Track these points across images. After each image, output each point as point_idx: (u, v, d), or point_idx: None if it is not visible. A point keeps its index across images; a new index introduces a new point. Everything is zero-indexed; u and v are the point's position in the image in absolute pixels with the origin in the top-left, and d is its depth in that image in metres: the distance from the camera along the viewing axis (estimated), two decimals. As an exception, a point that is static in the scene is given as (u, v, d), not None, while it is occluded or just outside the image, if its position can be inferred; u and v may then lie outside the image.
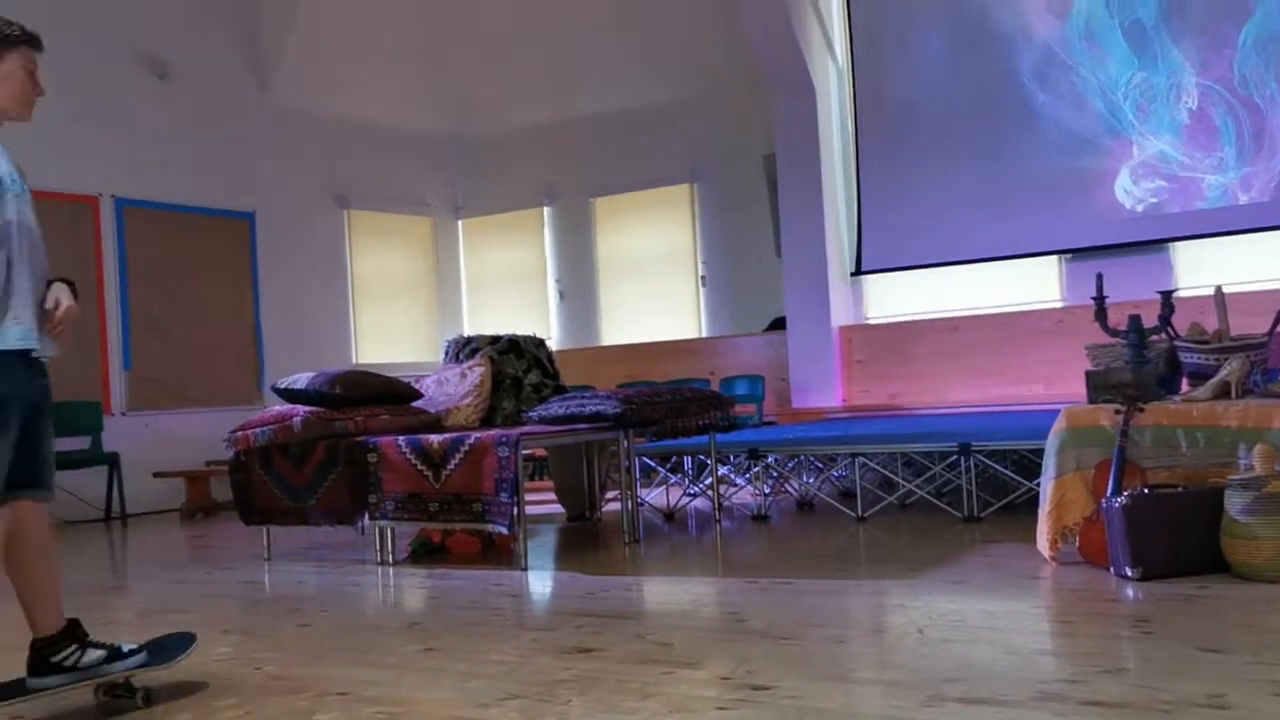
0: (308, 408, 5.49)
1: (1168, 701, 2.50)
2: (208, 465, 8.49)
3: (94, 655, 2.95)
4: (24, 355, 2.83)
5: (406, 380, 6.10)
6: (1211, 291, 4.75)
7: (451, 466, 4.99)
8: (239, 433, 5.59)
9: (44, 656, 2.91)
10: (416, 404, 5.89)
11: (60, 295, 2.87)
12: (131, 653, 3.00)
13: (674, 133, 10.45)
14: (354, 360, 10.36)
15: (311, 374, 5.67)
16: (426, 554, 5.53)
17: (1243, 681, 2.62)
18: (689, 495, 6.97)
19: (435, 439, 5.09)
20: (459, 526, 5.28)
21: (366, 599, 4.54)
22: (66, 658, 2.92)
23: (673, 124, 10.44)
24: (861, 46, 9.34)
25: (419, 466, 5.08)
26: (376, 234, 10.88)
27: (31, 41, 2.91)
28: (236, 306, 9.42)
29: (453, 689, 3.00)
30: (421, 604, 4.33)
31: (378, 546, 5.39)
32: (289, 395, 5.68)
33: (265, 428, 5.48)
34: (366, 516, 5.27)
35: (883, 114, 9.19)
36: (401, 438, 5.21)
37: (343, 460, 5.30)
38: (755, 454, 6.29)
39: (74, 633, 2.95)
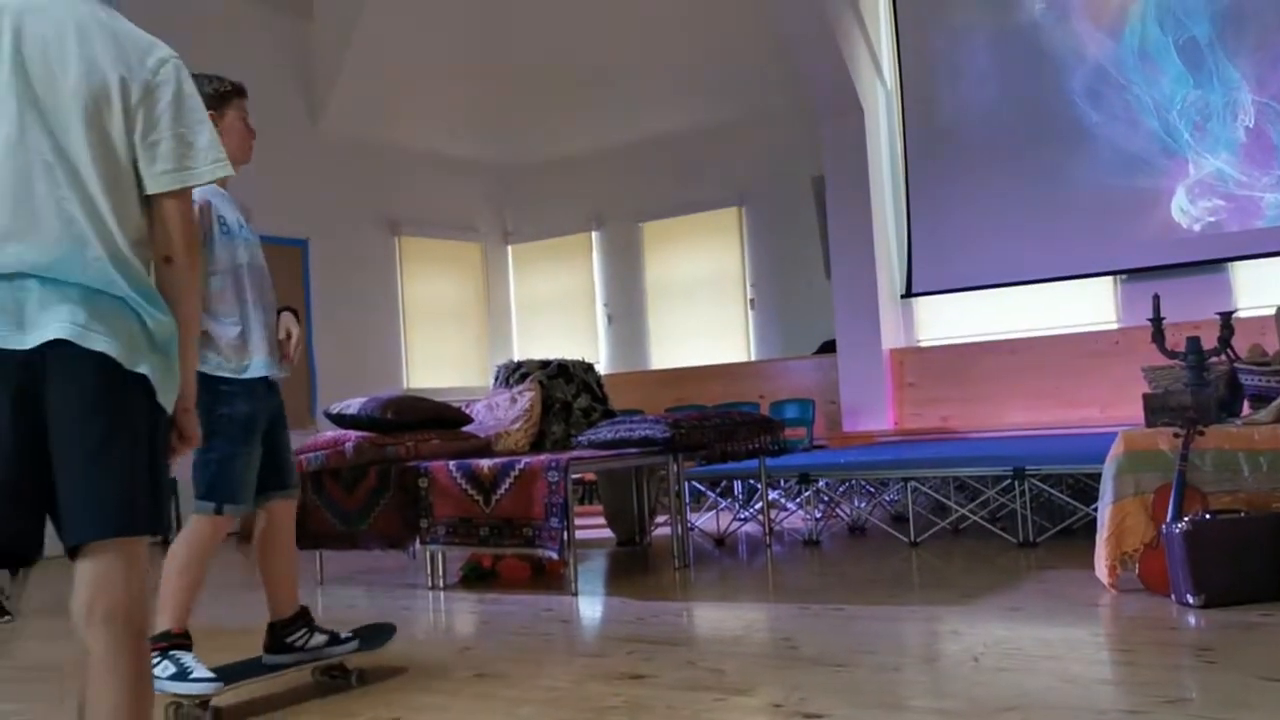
0: (360, 433, 5.53)
1: (1232, 733, 2.44)
2: (262, 489, 8.57)
3: (319, 639, 3.35)
4: (264, 379, 3.23)
5: (457, 405, 6.14)
6: (1272, 312, 4.66)
7: (502, 491, 5.01)
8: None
9: (280, 637, 3.33)
10: (467, 429, 5.92)
11: (290, 325, 3.32)
12: (348, 639, 3.41)
13: (722, 156, 10.47)
14: (405, 385, 10.44)
15: (363, 399, 5.72)
16: (477, 579, 5.54)
17: (1311, 713, 2.55)
18: (739, 520, 6.93)
19: (485, 463, 5.11)
20: (509, 551, 5.29)
21: (417, 623, 4.56)
22: (298, 639, 3.33)
23: (721, 147, 10.46)
24: (910, 68, 9.30)
25: (469, 491, 5.10)
26: (427, 260, 10.98)
27: (241, 93, 3.36)
28: (290, 332, 9.54)
29: (503, 714, 3.00)
30: (472, 629, 4.34)
31: (429, 571, 5.42)
32: (341, 420, 5.74)
33: (318, 452, 5.53)
34: (418, 541, 5.29)
35: (932, 135, 9.14)
36: (452, 462, 5.23)
37: (394, 485, 5.33)
38: (806, 478, 6.25)
39: (305, 618, 3.36)
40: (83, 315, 1.64)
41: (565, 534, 4.83)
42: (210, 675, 3.02)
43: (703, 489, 7.14)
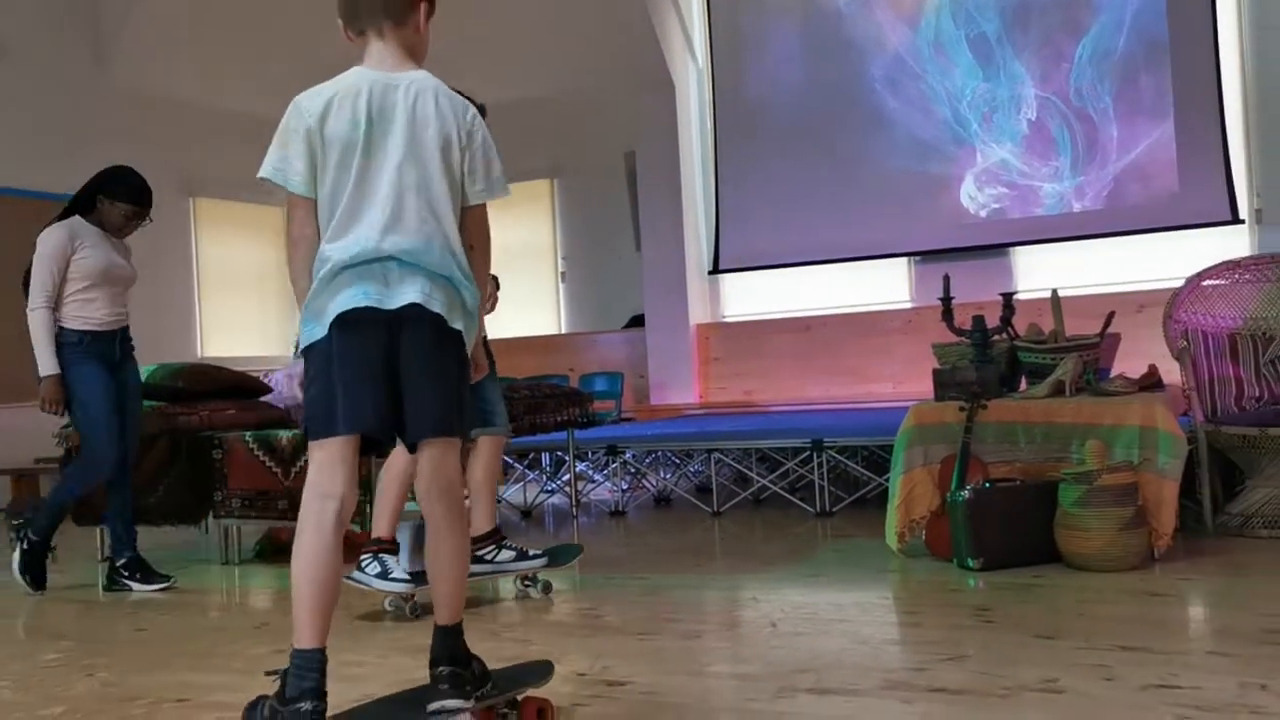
0: (147, 401, 5.25)
1: (1005, 687, 2.60)
2: (37, 463, 8.05)
3: (506, 555, 3.91)
4: None
5: (255, 374, 5.90)
6: (1048, 294, 4.97)
7: (302, 463, 4.85)
8: (70, 429, 5.31)
9: (471, 550, 3.56)
10: (265, 399, 5.70)
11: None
12: (535, 556, 3.96)
13: (535, 128, 10.38)
14: (199, 353, 9.97)
15: (152, 367, 5.44)
16: (274, 553, 5.35)
17: (1075, 666, 2.74)
18: (546, 492, 6.94)
19: (285, 435, 4.94)
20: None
21: (210, 601, 4.37)
22: (487, 553, 3.86)
23: (534, 120, 10.37)
24: (721, 47, 9.45)
25: (267, 463, 4.93)
26: (225, 223, 10.50)
27: None
28: (72, 296, 8.96)
29: (300, 692, 2.90)
30: (270, 604, 4.19)
31: (221, 546, 5.20)
32: (128, 389, 5.43)
33: (102, 423, 5.21)
34: (210, 515, 5.07)
35: (741, 114, 9.32)
36: (249, 433, 5.04)
37: (185, 457, 5.09)
38: (613, 450, 6.30)
39: (495, 536, 3.92)
40: (428, 288, 2.32)
41: (369, 506, 4.72)
42: (405, 577, 3.70)
43: (510, 461, 7.11)
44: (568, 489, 6.45)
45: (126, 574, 4.58)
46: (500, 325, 10.54)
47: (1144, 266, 7.95)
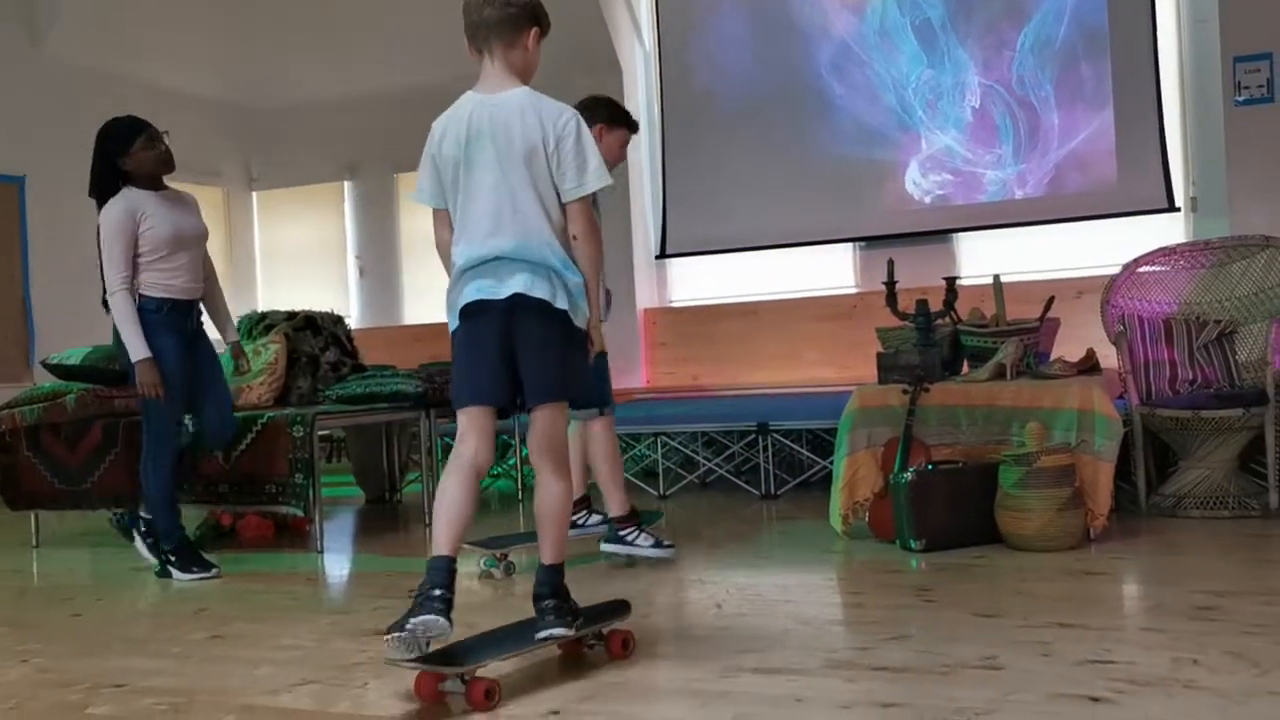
0: (83, 385, 5.15)
1: (946, 664, 2.63)
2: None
3: (645, 541, 4.12)
4: None
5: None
6: (990, 280, 5.03)
7: (243, 446, 4.78)
8: (4, 411, 5.20)
9: (615, 530, 4.11)
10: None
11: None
12: (667, 545, 4.13)
13: (480, 110, 10.30)
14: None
15: (87, 349, 5.33)
16: (215, 538, 5.28)
17: (1013, 644, 2.78)
18: (492, 476, 6.91)
19: (225, 418, 4.85)
20: (251, 509, 5.07)
21: (148, 586, 4.30)
22: (628, 534, 4.11)
23: (479, 101, 10.28)
24: (669, 31, 9.43)
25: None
26: (163, 204, 10.30)
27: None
28: (3, 276, 8.75)
29: (241, 677, 2.87)
30: (209, 589, 4.13)
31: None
32: (62, 371, 5.33)
33: (34, 406, 5.12)
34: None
35: (688, 99, 9.31)
36: (189, 416, 4.94)
37: (122, 440, 5.00)
38: (559, 434, 6.28)
39: (633, 518, 4.13)
40: (530, 279, 2.71)
41: (311, 491, 4.67)
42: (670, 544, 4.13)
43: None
44: (514, 473, 6.43)
45: (174, 560, 4.37)
46: (444, 311, 10.50)
47: (1083, 253, 8.07)
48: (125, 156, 4.28)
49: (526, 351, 2.73)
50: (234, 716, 2.55)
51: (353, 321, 9.11)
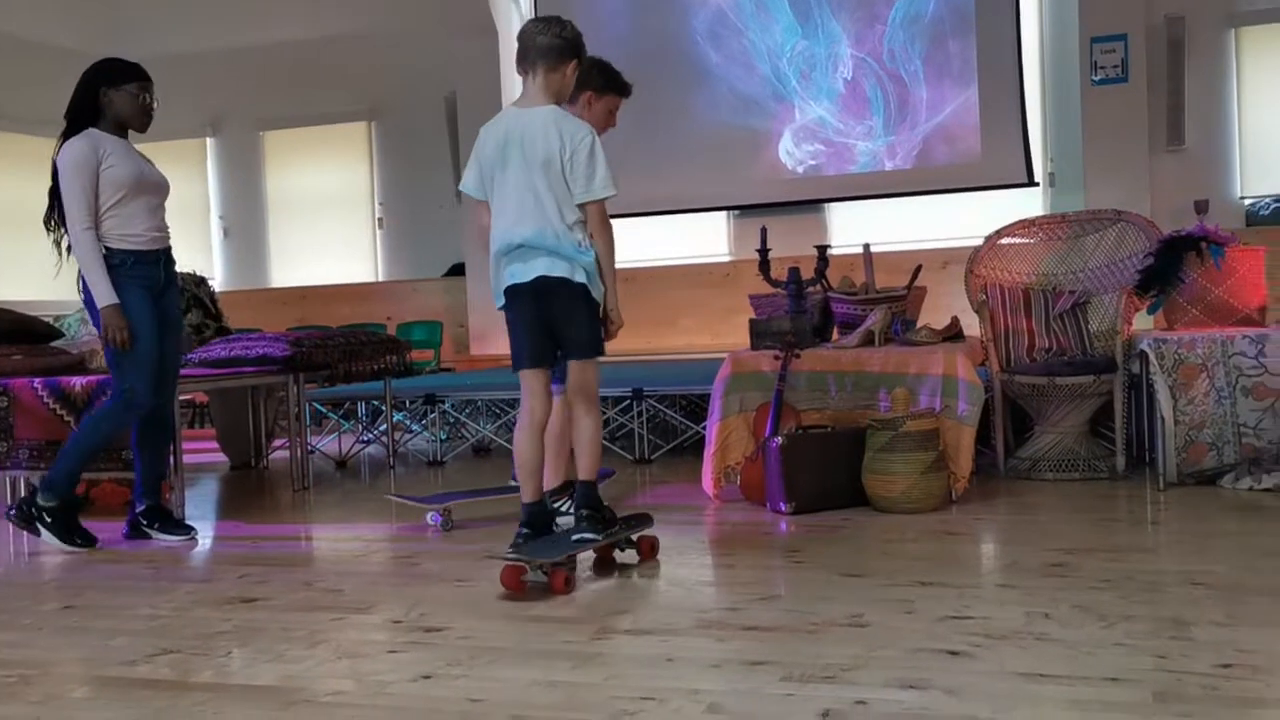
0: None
1: (814, 623, 2.69)
2: None
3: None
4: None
5: (45, 319, 5.54)
6: (861, 249, 5.13)
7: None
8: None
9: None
10: (56, 344, 5.36)
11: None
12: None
13: (351, 68, 10.04)
14: (-18, 297, 9.30)
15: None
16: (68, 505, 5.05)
17: (879, 602, 2.86)
18: (362, 442, 6.79)
19: (78, 381, 4.66)
20: (106, 476, 4.87)
21: (-5, 557, 4.10)
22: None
23: (350, 59, 10.02)
24: (545, -6, 9.31)
25: (59, 411, 4.64)
26: (11, 157, 9.77)
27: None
28: None
29: (96, 648, 2.76)
30: (60, 559, 3.96)
31: (6, 499, 4.88)
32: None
33: None
34: (-4, 467, 4.76)
35: (565, 63, 9.23)
36: (38, 380, 4.73)
37: (-33, 405, 4.74)
38: (431, 400, 6.21)
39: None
40: (549, 262, 3.32)
41: (171, 456, 4.51)
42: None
43: (324, 410, 6.92)
44: (384, 439, 6.33)
45: (146, 522, 4.19)
46: (315, 272, 10.25)
47: (949, 224, 8.31)
48: (112, 89, 4.06)
49: (558, 320, 3.36)
50: (88, 688, 2.45)
51: (217, 284, 8.81)
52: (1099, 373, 4.66)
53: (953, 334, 4.95)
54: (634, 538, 3.48)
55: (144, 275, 4.05)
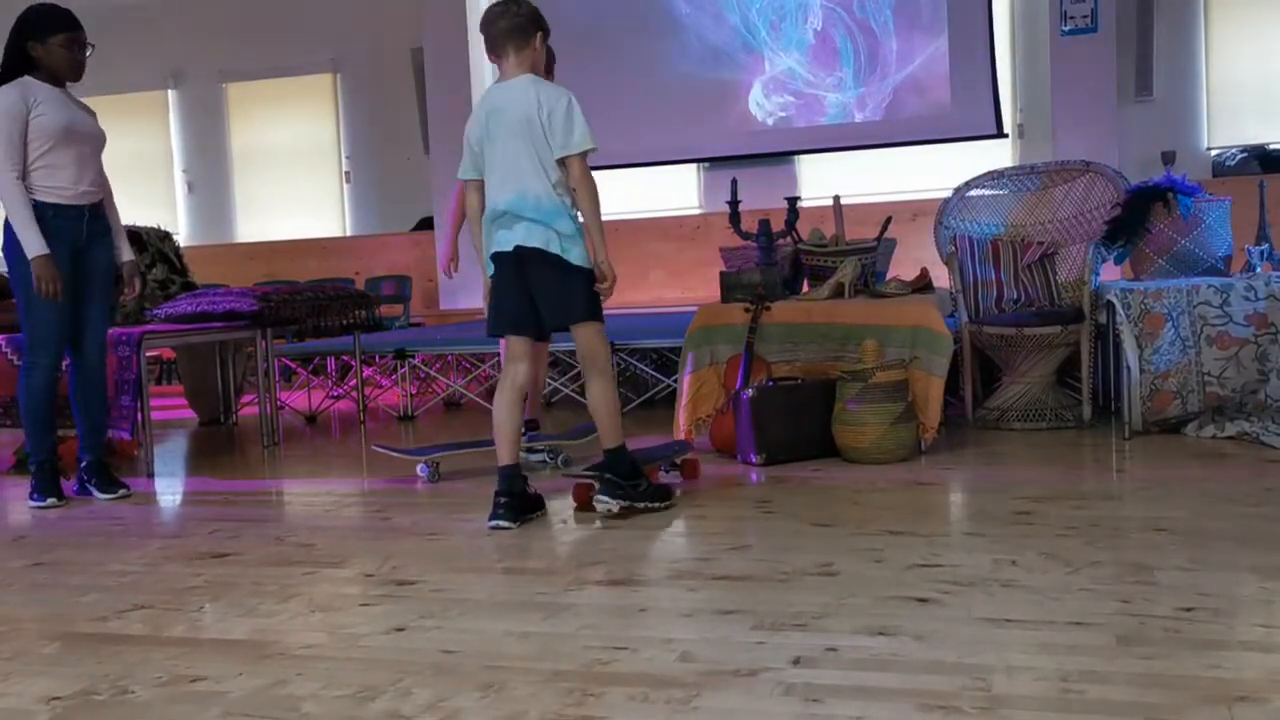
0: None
1: (785, 572, 2.72)
2: None
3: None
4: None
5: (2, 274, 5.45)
6: (831, 201, 5.13)
7: (63, 367, 4.52)
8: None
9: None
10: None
11: None
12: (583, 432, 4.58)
13: (316, 19, 9.89)
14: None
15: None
16: (35, 465, 5.02)
17: (848, 551, 2.89)
18: (332, 397, 6.76)
19: (42, 338, 4.59)
20: (74, 433, 4.83)
21: (-39, 515, 4.07)
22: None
23: (315, 10, 9.86)
24: (512, -58, 9.18)
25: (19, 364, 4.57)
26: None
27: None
28: None
29: (66, 604, 2.76)
30: (28, 517, 3.94)
31: (-24, 458, 4.84)
32: None
33: None
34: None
35: (533, 14, 9.12)
36: (3, 336, 4.67)
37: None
38: (402, 354, 6.19)
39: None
40: (526, 231, 3.38)
41: (139, 413, 4.48)
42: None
43: (294, 366, 6.88)
44: (354, 394, 6.30)
45: (86, 478, 4.18)
46: (282, 227, 10.15)
47: (919, 175, 8.32)
48: (39, 44, 4.00)
49: (536, 290, 3.43)
50: (59, 644, 2.45)
51: (182, 239, 8.71)
52: (1066, 323, 4.70)
53: (922, 285, 4.97)
54: (678, 460, 3.93)
55: (64, 229, 4.00)
